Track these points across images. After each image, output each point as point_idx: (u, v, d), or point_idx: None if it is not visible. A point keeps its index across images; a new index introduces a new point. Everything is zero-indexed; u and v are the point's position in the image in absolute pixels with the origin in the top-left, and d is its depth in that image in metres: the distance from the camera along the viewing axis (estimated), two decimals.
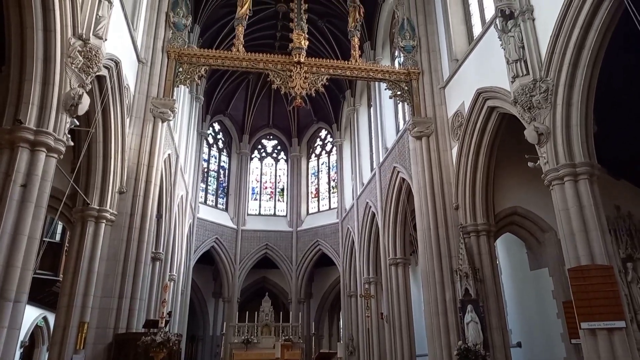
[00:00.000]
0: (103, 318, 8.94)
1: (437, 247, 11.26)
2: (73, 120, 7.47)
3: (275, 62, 12.24)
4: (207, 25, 19.00)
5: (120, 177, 10.00)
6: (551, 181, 8.01)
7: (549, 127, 8.14)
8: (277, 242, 24.88)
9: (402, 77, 12.91)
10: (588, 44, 7.73)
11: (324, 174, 27.08)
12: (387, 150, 16.95)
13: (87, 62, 7.60)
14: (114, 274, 9.35)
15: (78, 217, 9.40)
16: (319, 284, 26.00)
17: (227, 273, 23.52)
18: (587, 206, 7.53)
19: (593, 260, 7.21)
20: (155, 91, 11.35)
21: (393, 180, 15.84)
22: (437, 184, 11.81)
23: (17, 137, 6.60)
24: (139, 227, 10.06)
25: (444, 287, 10.87)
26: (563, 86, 8.01)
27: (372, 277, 18.42)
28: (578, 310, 7.09)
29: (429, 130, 12.30)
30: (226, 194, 25.99)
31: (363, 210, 19.57)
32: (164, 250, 14.47)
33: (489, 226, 10.99)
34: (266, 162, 28.27)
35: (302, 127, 27.82)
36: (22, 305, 6.31)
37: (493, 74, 9.95)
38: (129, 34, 10.43)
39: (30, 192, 6.55)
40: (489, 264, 10.64)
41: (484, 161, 10.98)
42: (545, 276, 11.81)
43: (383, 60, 18.08)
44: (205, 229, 22.68)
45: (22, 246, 6.35)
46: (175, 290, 17.04)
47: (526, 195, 11.68)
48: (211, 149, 26.00)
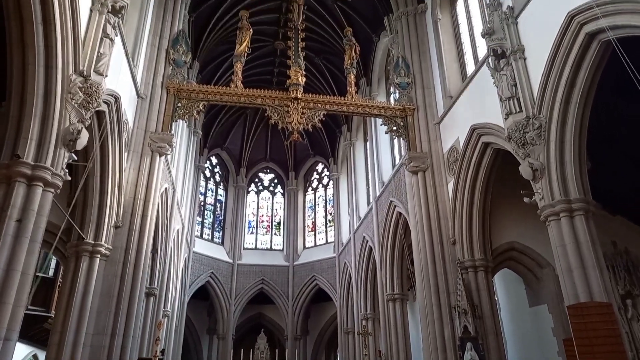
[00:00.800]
0: (95, 356, 8.71)
1: (435, 282, 11.15)
2: (71, 155, 7.50)
3: (273, 97, 12.42)
4: (207, 61, 19.38)
5: (117, 211, 9.96)
6: (547, 217, 8.03)
7: (543, 163, 8.22)
8: (273, 276, 24.58)
9: (398, 113, 13.10)
10: (579, 82, 7.91)
11: (321, 207, 27.06)
12: (383, 185, 17.02)
13: (87, 98, 7.68)
14: (107, 311, 9.17)
15: (72, 252, 9.30)
16: (316, 320, 25.54)
17: (222, 309, 23.11)
18: (583, 242, 7.52)
19: (592, 297, 7.15)
20: (153, 126, 11.44)
21: (390, 214, 15.83)
22: (433, 219, 11.80)
23: (15, 172, 6.60)
24: (134, 262, 9.94)
25: (442, 324, 10.69)
26: (556, 123, 8.14)
27: (369, 313, 18.13)
28: (579, 349, 6.96)
29: (424, 165, 12.39)
30: (222, 227, 25.85)
31: (360, 244, 19.46)
32: (159, 286, 14.26)
33: (487, 262, 10.92)
34: (263, 196, 28.26)
35: (299, 160, 27.98)
36: (12, 344, 6.16)
37: (487, 111, 10.12)
38: (129, 70, 10.60)
39: (25, 227, 6.50)
40: (488, 301, 10.51)
41: (480, 196, 11.01)
42: (544, 313, 11.67)
43: (379, 96, 18.40)
44: (200, 263, 22.43)
45: (15, 282, 6.26)
46: (169, 327, 16.69)
47: (523, 230, 11.68)
48: (208, 182, 26.02)
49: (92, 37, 7.87)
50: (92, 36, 7.87)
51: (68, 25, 7.08)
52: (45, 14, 6.74)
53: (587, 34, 7.50)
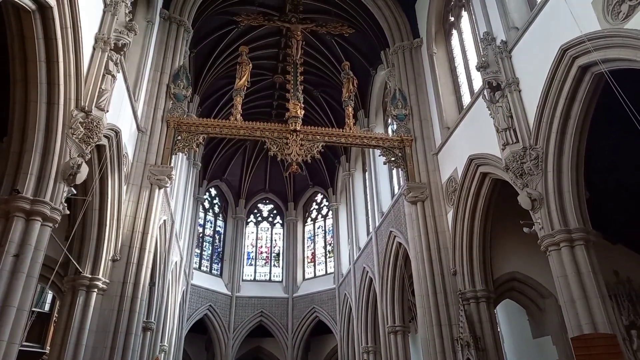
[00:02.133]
0: None
1: (437, 314, 11.00)
2: (70, 189, 7.52)
3: (272, 130, 12.54)
4: (207, 94, 19.65)
5: (115, 244, 9.90)
6: (547, 247, 8.00)
7: (542, 193, 8.25)
8: (272, 309, 24.23)
9: (396, 144, 13.21)
10: (574, 113, 8.02)
11: (320, 238, 26.91)
12: (382, 215, 16.99)
13: (88, 133, 7.74)
14: (103, 347, 9.00)
15: (69, 286, 9.20)
16: (316, 353, 25.02)
17: (220, 342, 22.68)
18: (585, 272, 7.47)
19: (595, 328, 7.06)
20: (153, 159, 11.50)
21: (390, 244, 15.75)
22: (434, 249, 11.74)
23: (13, 207, 6.60)
24: (131, 295, 9.81)
25: (445, 357, 10.49)
26: (552, 154, 8.20)
27: (370, 345, 17.79)
28: None
29: (423, 195, 12.41)
30: (221, 259, 25.64)
31: (360, 275, 19.26)
32: (156, 320, 14.02)
33: (489, 292, 10.80)
34: (262, 227, 28.16)
35: (298, 191, 28.01)
36: None
37: (484, 141, 10.20)
38: (130, 105, 10.73)
39: (22, 262, 6.46)
40: (490, 332, 10.35)
41: (480, 226, 10.99)
42: (548, 344, 11.47)
43: (376, 128, 18.59)
44: (198, 295, 22.14)
45: (10, 319, 6.17)
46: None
47: (524, 260, 11.61)
48: (207, 213, 25.96)
49: (95, 73, 8.00)
50: (95, 73, 8.00)
51: (71, 62, 7.22)
52: (48, 52, 6.88)
53: (580, 66, 7.65)
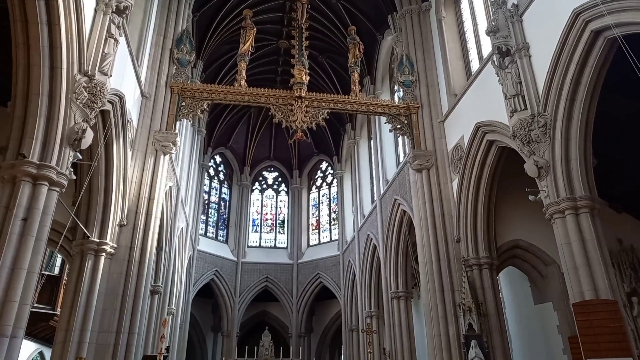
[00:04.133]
0: (100, 354, 8.76)
1: (440, 280, 11.14)
2: (76, 154, 7.53)
3: (277, 96, 12.42)
4: (210, 60, 19.39)
5: (121, 210, 10.00)
6: (552, 214, 8.00)
7: (549, 161, 8.19)
8: (278, 274, 24.63)
9: (402, 111, 13.07)
10: (584, 79, 7.86)
11: (325, 205, 27.06)
12: (387, 183, 16.99)
13: (91, 98, 7.71)
14: (112, 309, 9.22)
15: (78, 250, 9.35)
16: (320, 317, 25.58)
17: (227, 306, 23.19)
18: (589, 240, 7.49)
19: (597, 294, 7.13)
20: (157, 125, 11.47)
21: (394, 212, 15.82)
22: (438, 217, 11.78)
23: (20, 171, 6.65)
24: (139, 260, 9.98)
25: (447, 322, 10.68)
26: (561, 121, 8.10)
27: (374, 310, 18.14)
28: (584, 347, 6.94)
29: (429, 163, 12.37)
30: (226, 225, 25.91)
31: (364, 242, 19.46)
32: (163, 284, 14.30)
33: (492, 259, 10.90)
34: (267, 194, 28.30)
35: (303, 159, 27.99)
36: (18, 341, 6.21)
37: (491, 109, 10.08)
38: (134, 70, 10.63)
39: (30, 226, 6.55)
40: (493, 298, 10.50)
41: (485, 194, 10.99)
42: (549, 310, 11.64)
43: (383, 94, 18.36)
44: (205, 261, 22.50)
45: (21, 280, 6.31)
46: (174, 324, 16.75)
47: (528, 228, 11.65)
48: (212, 181, 26.08)
49: (97, 37, 7.89)
50: (97, 36, 7.89)
51: (72, 25, 7.11)
52: (50, 15, 6.77)
53: (593, 31, 7.46)
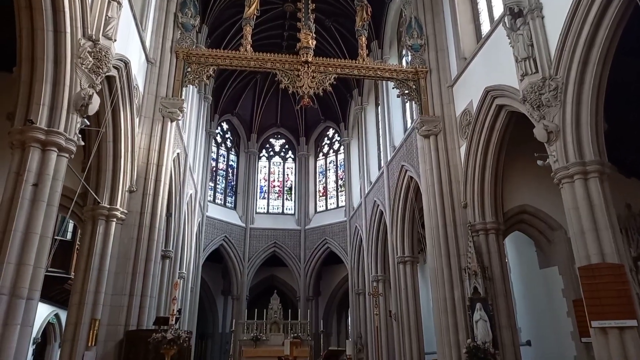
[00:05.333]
0: (114, 315, 9.03)
1: (446, 245, 11.24)
2: (83, 120, 7.55)
3: (283, 61, 12.26)
4: (215, 25, 19.06)
5: (130, 176, 10.09)
6: (561, 179, 7.95)
7: (559, 126, 8.08)
8: (285, 240, 24.97)
9: (410, 76, 12.88)
10: (598, 41, 7.66)
11: (332, 172, 27.10)
12: (394, 149, 16.93)
13: (96, 63, 7.67)
14: (125, 272, 9.44)
15: (89, 216, 9.50)
16: (327, 282, 26.05)
17: (236, 271, 23.64)
18: (597, 205, 7.47)
19: (604, 258, 7.16)
20: (164, 91, 11.43)
21: (401, 178, 15.82)
22: (445, 183, 11.78)
23: (29, 137, 6.69)
24: (149, 225, 10.14)
25: (452, 286, 10.84)
26: (573, 84, 7.95)
27: (380, 275, 18.42)
28: (589, 309, 7.04)
29: (436, 128, 12.27)
30: (234, 192, 26.11)
31: (371, 208, 19.57)
32: (174, 249, 14.56)
33: (498, 225, 10.95)
34: (274, 161, 28.35)
35: (310, 126, 27.86)
36: (34, 303, 6.40)
37: (501, 72, 9.90)
38: (138, 35, 10.50)
39: (41, 191, 6.64)
40: (498, 263, 10.60)
41: (493, 160, 10.93)
42: (555, 275, 11.75)
43: (391, 59, 18.04)
44: (214, 227, 22.81)
45: (34, 244, 6.44)
46: (185, 288, 17.15)
47: (535, 193, 11.63)
48: (219, 148, 26.12)
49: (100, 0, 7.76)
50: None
51: None
52: None
53: None
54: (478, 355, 9.52)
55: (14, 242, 6.25)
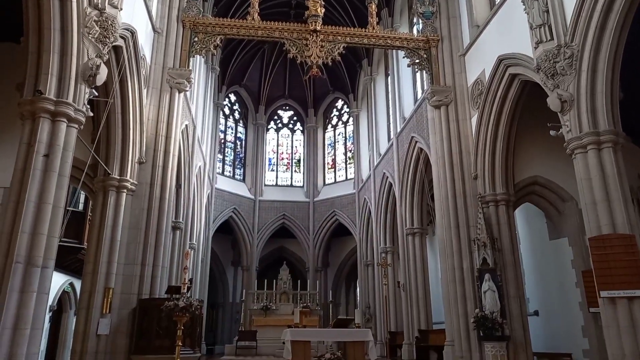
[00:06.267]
0: (127, 284, 9.20)
1: (455, 216, 11.22)
2: (92, 90, 7.53)
3: (291, 30, 12.05)
4: None
5: (139, 147, 10.11)
6: (574, 150, 7.84)
7: (573, 95, 7.92)
8: (294, 212, 25.11)
9: (421, 45, 12.63)
10: (616, 7, 7.42)
11: (341, 144, 26.99)
12: (404, 120, 16.76)
13: (103, 32, 7.60)
14: (136, 243, 9.56)
15: (100, 187, 9.58)
16: (336, 253, 26.30)
17: (246, 242, 23.91)
18: (610, 175, 7.37)
19: (615, 229, 7.11)
20: (171, 62, 11.32)
21: (411, 150, 15.72)
22: (455, 154, 11.67)
23: (38, 108, 6.69)
24: (159, 196, 10.21)
25: (461, 256, 10.88)
26: (589, 52, 7.74)
27: (388, 246, 18.54)
28: (598, 279, 7.04)
29: (447, 99, 12.08)
30: (243, 164, 26.16)
31: (380, 180, 19.54)
32: (184, 220, 14.72)
33: (508, 196, 10.89)
34: (282, 133, 28.24)
35: (318, 97, 27.60)
36: (49, 271, 6.53)
37: (515, 40, 9.67)
38: (144, 3, 10.33)
39: (52, 162, 6.68)
40: (508, 234, 10.60)
41: (505, 130, 10.79)
42: (564, 246, 11.74)
43: (401, 28, 17.67)
44: (223, 199, 22.96)
45: (47, 214, 6.52)
46: (196, 259, 17.42)
47: (547, 164, 11.52)
48: (227, 120, 26.04)
49: None
50: None
51: None
52: None
53: None
54: (486, 324, 9.63)
55: (27, 212, 6.34)
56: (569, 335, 11.25)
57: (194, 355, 9.06)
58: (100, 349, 8.53)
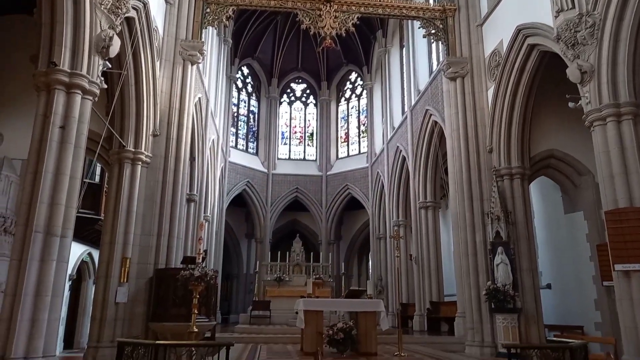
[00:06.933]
0: (143, 254, 9.38)
1: (469, 190, 11.15)
2: (105, 62, 7.53)
3: (305, 0, 11.84)
4: None
5: (153, 120, 10.14)
6: (592, 122, 7.67)
7: (594, 65, 7.70)
8: (307, 186, 25.19)
9: (437, 15, 12.33)
10: None
11: (354, 118, 26.80)
12: (419, 93, 16.55)
13: (115, 3, 7.59)
14: (152, 214, 9.70)
15: (115, 159, 9.68)
16: (348, 226, 26.45)
17: (259, 215, 24.14)
18: (629, 148, 7.22)
19: (632, 202, 7.01)
20: (183, 34, 11.23)
21: (425, 123, 15.58)
22: (470, 127, 11.52)
23: (53, 80, 6.72)
24: (173, 169, 10.29)
25: (474, 230, 10.86)
26: (611, 20, 7.48)
27: (401, 220, 18.59)
28: (613, 253, 7.00)
29: (464, 70, 11.85)
30: (256, 138, 26.18)
31: (393, 154, 19.45)
32: (198, 193, 14.88)
33: (524, 169, 10.77)
34: (295, 107, 28.10)
35: (332, 69, 27.29)
36: (68, 240, 6.68)
37: (535, 9, 9.39)
38: None
39: (68, 134, 6.75)
40: (522, 207, 10.52)
41: (522, 102, 10.59)
42: (579, 220, 11.64)
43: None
44: (236, 172, 23.11)
45: (65, 185, 6.64)
46: (210, 231, 17.67)
47: (564, 137, 11.34)
48: (240, 93, 25.94)
49: None
50: None
51: None
52: None
53: None
54: (497, 296, 9.68)
55: (45, 183, 6.45)
56: (582, 309, 11.27)
57: (210, 323, 9.27)
58: (119, 316, 8.78)
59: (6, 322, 6.01)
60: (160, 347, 6.37)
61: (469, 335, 10.55)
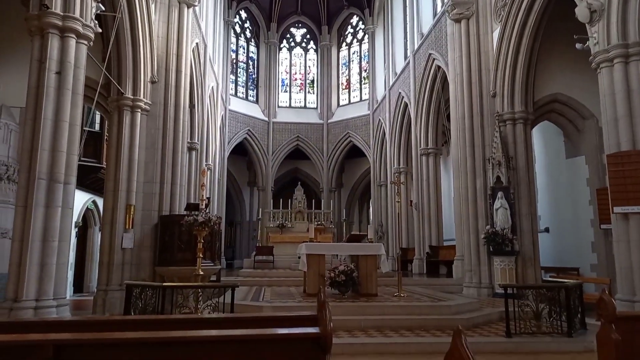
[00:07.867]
0: (147, 201, 9.48)
1: (471, 135, 11.10)
2: (98, 5, 7.30)
3: None
4: None
5: (151, 66, 9.95)
6: (599, 63, 7.49)
7: (603, 4, 7.43)
8: (308, 134, 25.07)
9: None
10: None
11: (355, 64, 26.24)
12: (422, 37, 16.11)
13: None
14: (154, 162, 9.71)
15: (114, 107, 9.58)
16: (350, 174, 26.56)
17: (261, 164, 24.20)
18: (635, 90, 7.09)
19: (634, 145, 6.98)
20: None
21: (428, 68, 15.27)
22: (474, 71, 11.30)
23: (46, 23, 6.55)
24: (173, 116, 10.20)
25: (475, 175, 10.91)
26: None
27: (402, 167, 18.64)
28: (613, 195, 7.05)
29: (469, 11, 11.47)
30: (256, 85, 25.77)
31: (395, 100, 19.21)
32: (199, 141, 14.82)
33: (527, 114, 10.67)
34: (295, 53, 27.44)
35: (332, 13, 26.42)
36: (71, 187, 6.74)
37: None
38: None
39: (65, 80, 6.65)
40: (524, 152, 10.51)
41: (527, 45, 10.34)
42: (581, 164, 11.66)
43: None
44: (237, 120, 22.94)
45: (65, 132, 6.62)
46: (212, 179, 17.77)
47: (569, 81, 11.15)
48: (239, 39, 25.27)
49: None
50: None
51: None
52: None
53: None
54: (496, 240, 9.87)
55: (45, 130, 6.43)
56: (578, 251, 11.51)
57: (214, 268, 9.52)
58: (127, 260, 9.01)
59: (16, 267, 6.18)
60: (167, 289, 6.58)
61: (467, 277, 10.85)
